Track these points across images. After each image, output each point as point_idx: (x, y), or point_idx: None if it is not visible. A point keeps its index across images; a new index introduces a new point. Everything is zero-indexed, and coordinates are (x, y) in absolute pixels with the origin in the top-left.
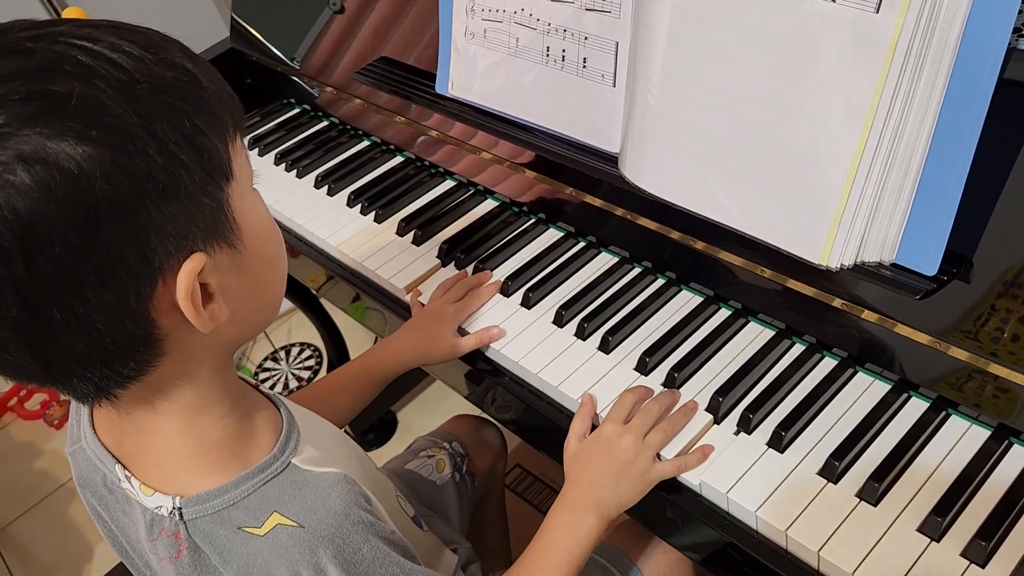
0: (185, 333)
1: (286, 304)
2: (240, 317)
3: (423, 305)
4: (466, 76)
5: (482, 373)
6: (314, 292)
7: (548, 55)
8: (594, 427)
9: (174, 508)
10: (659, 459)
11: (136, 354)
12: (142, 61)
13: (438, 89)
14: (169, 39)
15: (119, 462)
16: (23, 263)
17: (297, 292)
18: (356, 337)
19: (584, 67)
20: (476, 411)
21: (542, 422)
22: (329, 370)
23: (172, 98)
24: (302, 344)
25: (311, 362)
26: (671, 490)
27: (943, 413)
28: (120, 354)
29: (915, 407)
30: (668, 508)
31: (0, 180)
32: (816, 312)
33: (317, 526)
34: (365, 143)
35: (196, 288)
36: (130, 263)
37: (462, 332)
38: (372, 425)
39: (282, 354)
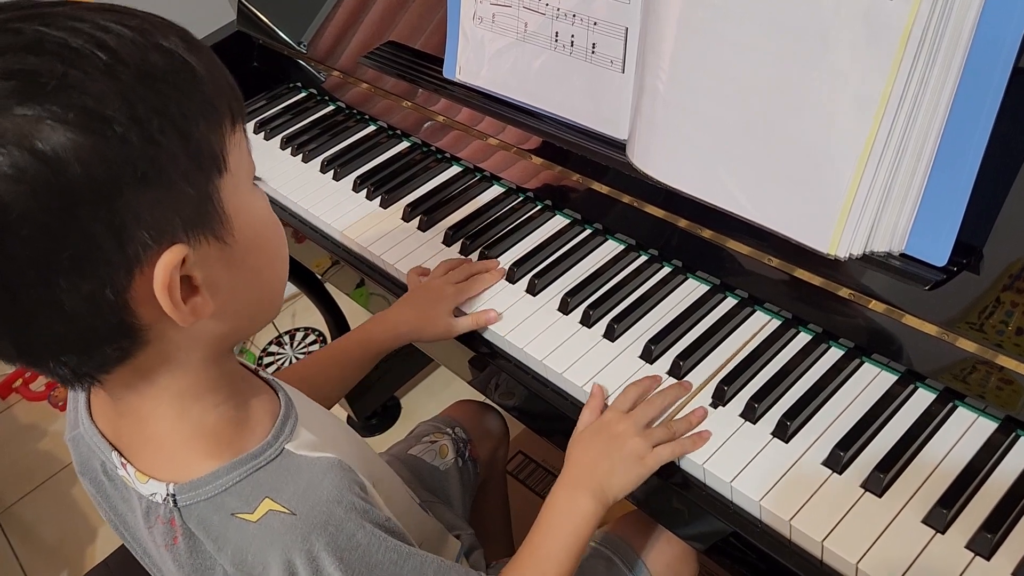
0: (168, 325)
1: (291, 289)
2: (231, 312)
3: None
4: (474, 61)
5: (486, 359)
6: (319, 277)
7: (557, 40)
8: None
9: (168, 495)
10: None
11: (115, 342)
12: (133, 44)
13: (446, 74)
14: (168, 24)
15: (115, 449)
16: None
17: (302, 277)
18: (360, 322)
19: (593, 53)
20: (479, 397)
21: (546, 408)
22: None
23: (159, 83)
24: (306, 329)
25: (315, 347)
26: (675, 479)
27: (950, 404)
28: (99, 341)
29: (921, 398)
30: (672, 497)
31: None
32: (823, 302)
33: (308, 513)
34: (371, 128)
35: (175, 280)
36: (106, 250)
37: (459, 314)
38: (376, 410)
39: (286, 339)
